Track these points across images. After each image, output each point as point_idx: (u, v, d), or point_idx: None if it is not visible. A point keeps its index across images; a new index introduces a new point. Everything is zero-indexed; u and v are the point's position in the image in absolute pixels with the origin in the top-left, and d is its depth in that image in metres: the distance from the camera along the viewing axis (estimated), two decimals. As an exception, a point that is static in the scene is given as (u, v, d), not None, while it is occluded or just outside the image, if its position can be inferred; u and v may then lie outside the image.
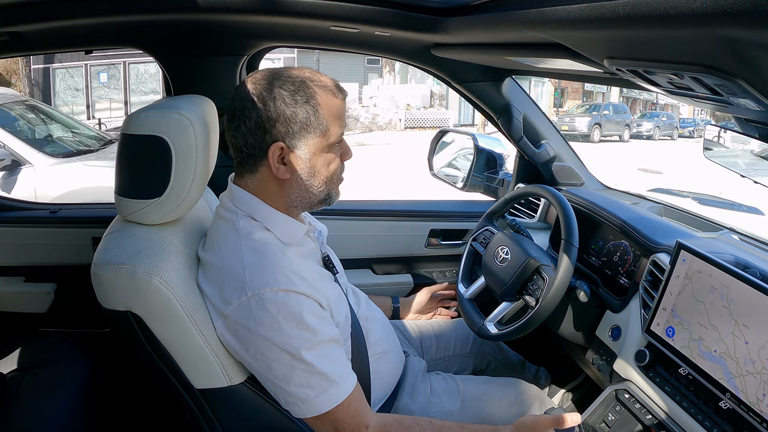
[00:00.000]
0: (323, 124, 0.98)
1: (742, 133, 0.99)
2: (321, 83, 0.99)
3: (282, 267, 0.96)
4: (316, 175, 1.02)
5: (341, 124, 1.02)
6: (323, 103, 0.98)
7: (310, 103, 0.97)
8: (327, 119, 0.99)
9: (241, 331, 0.95)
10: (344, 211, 1.82)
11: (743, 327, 0.96)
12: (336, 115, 1.00)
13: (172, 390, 1.03)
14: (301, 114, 0.96)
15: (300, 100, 0.96)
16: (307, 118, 0.97)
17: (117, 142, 1.14)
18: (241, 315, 0.94)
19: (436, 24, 1.27)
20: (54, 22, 1.31)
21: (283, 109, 0.96)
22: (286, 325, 0.93)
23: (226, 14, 1.31)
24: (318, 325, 0.95)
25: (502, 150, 2.01)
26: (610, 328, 1.31)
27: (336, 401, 0.96)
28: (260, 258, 0.96)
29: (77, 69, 14.66)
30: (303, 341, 0.93)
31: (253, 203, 1.02)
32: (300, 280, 0.96)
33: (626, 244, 1.40)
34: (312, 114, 0.97)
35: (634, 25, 0.66)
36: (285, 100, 0.96)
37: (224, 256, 0.99)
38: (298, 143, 0.98)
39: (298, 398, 0.95)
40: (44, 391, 1.29)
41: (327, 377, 0.95)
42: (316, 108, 0.97)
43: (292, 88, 0.96)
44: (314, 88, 0.98)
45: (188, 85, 1.54)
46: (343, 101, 1.02)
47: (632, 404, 1.17)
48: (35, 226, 1.69)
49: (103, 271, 0.95)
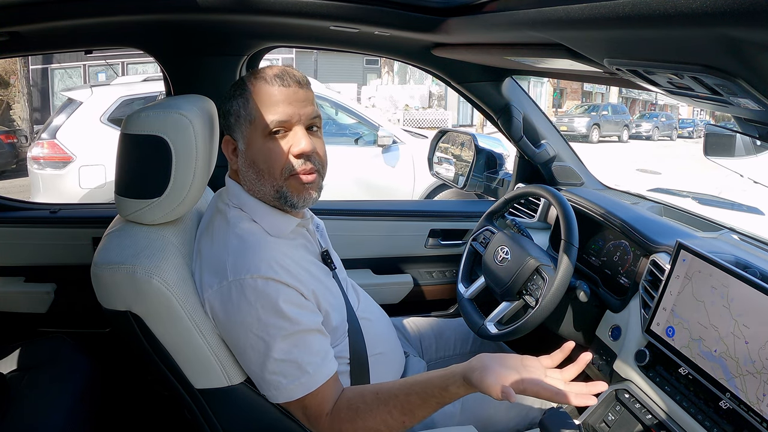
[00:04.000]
0: (251, 113, 1.00)
1: (742, 133, 0.99)
2: (260, 75, 1.02)
3: (265, 256, 0.97)
4: (254, 165, 1.02)
5: (277, 111, 0.98)
6: (256, 91, 1.00)
7: (243, 95, 1.01)
8: (257, 108, 1.00)
9: (218, 315, 0.97)
10: (344, 211, 1.82)
11: (743, 327, 0.96)
12: (267, 102, 0.99)
13: (172, 390, 1.03)
14: (234, 106, 1.03)
15: (236, 93, 1.03)
16: (237, 110, 1.02)
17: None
18: (219, 299, 0.96)
19: (436, 24, 1.27)
20: (54, 22, 1.30)
21: (223, 104, 1.05)
22: (263, 313, 0.94)
23: (226, 14, 1.31)
24: (297, 314, 0.96)
25: (502, 150, 2.02)
26: (610, 328, 1.31)
27: (307, 390, 0.96)
28: (244, 245, 0.98)
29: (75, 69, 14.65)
30: (279, 330, 0.94)
31: (242, 196, 1.06)
32: (282, 270, 0.97)
33: (626, 243, 1.40)
34: (242, 105, 1.01)
35: (634, 25, 0.66)
36: (227, 95, 1.04)
37: (214, 244, 1.01)
38: (236, 135, 1.04)
39: (270, 384, 0.97)
40: (44, 391, 1.29)
41: (300, 366, 0.95)
42: (246, 98, 1.01)
43: (236, 83, 1.04)
44: (251, 79, 1.02)
45: (188, 85, 1.54)
46: (280, 87, 0.99)
47: (632, 404, 1.17)
48: (35, 226, 1.69)
49: (103, 271, 0.95)
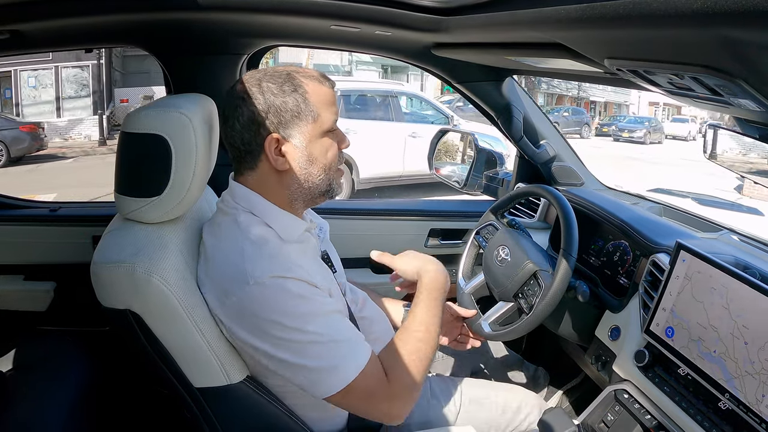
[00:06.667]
0: (314, 110, 1.00)
1: (742, 133, 0.99)
2: (306, 73, 1.02)
3: (281, 258, 0.97)
4: (315, 162, 1.03)
5: (333, 111, 1.03)
6: (311, 90, 1.00)
7: (298, 91, 0.99)
8: (317, 106, 1.01)
9: (251, 320, 0.95)
10: (344, 210, 1.82)
11: (743, 328, 0.96)
12: (326, 102, 1.02)
13: (171, 388, 1.03)
14: (290, 102, 0.99)
15: (288, 89, 0.99)
16: (297, 106, 0.99)
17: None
18: (247, 304, 0.94)
19: (436, 23, 1.27)
20: (54, 21, 1.30)
21: (272, 101, 0.98)
22: (291, 304, 0.93)
23: (227, 13, 1.31)
24: (321, 298, 0.97)
25: (502, 149, 2.02)
26: (609, 328, 1.31)
27: (358, 368, 0.95)
28: (259, 250, 0.97)
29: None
30: (310, 315, 0.94)
31: (253, 199, 1.03)
32: (298, 268, 0.96)
33: (626, 244, 1.40)
34: (301, 101, 0.99)
35: (635, 25, 0.66)
36: (273, 91, 0.99)
37: (225, 250, 0.99)
38: (292, 132, 1.00)
39: (322, 372, 0.94)
40: (43, 389, 1.29)
41: (344, 342, 0.96)
42: (304, 96, 1.00)
43: (279, 80, 1.00)
44: (299, 78, 1.01)
45: (188, 84, 1.54)
46: (330, 89, 1.04)
47: (631, 404, 1.17)
48: (35, 225, 1.69)
49: (102, 270, 0.95)
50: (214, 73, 1.56)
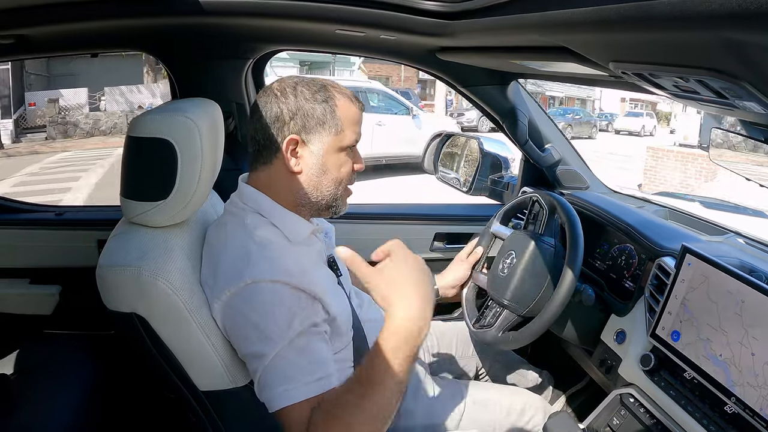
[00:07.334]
0: (339, 124, 1.03)
1: (747, 136, 0.99)
2: (340, 89, 1.06)
3: (284, 262, 0.97)
4: (327, 173, 1.05)
5: (356, 131, 1.06)
6: (341, 105, 1.04)
7: (328, 102, 1.03)
8: (342, 120, 1.04)
9: (236, 317, 0.95)
10: (349, 215, 1.81)
11: (752, 338, 0.95)
12: (352, 121, 1.05)
13: (176, 392, 1.03)
14: (318, 110, 1.02)
15: (319, 98, 1.03)
16: (323, 115, 1.02)
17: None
18: (237, 301, 0.94)
19: (441, 28, 1.27)
20: (60, 25, 1.31)
21: (302, 104, 1.02)
22: (278, 315, 0.92)
23: (233, 18, 1.31)
24: (308, 314, 0.94)
25: (508, 153, 2.01)
26: (614, 332, 1.30)
27: (290, 400, 0.90)
28: (264, 252, 0.97)
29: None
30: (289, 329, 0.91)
31: (261, 199, 1.04)
32: (300, 274, 0.96)
33: (631, 247, 1.40)
34: (329, 112, 1.02)
35: (640, 29, 0.66)
36: (306, 96, 1.02)
37: (229, 248, 1.00)
38: (313, 138, 1.03)
39: (277, 385, 0.90)
40: (49, 393, 1.30)
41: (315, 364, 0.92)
42: (333, 108, 1.03)
43: (314, 88, 1.03)
44: (333, 91, 1.04)
45: (194, 89, 1.55)
46: (359, 110, 1.08)
47: (637, 408, 1.17)
48: (41, 229, 1.70)
49: (108, 273, 0.96)
50: (220, 77, 1.57)
